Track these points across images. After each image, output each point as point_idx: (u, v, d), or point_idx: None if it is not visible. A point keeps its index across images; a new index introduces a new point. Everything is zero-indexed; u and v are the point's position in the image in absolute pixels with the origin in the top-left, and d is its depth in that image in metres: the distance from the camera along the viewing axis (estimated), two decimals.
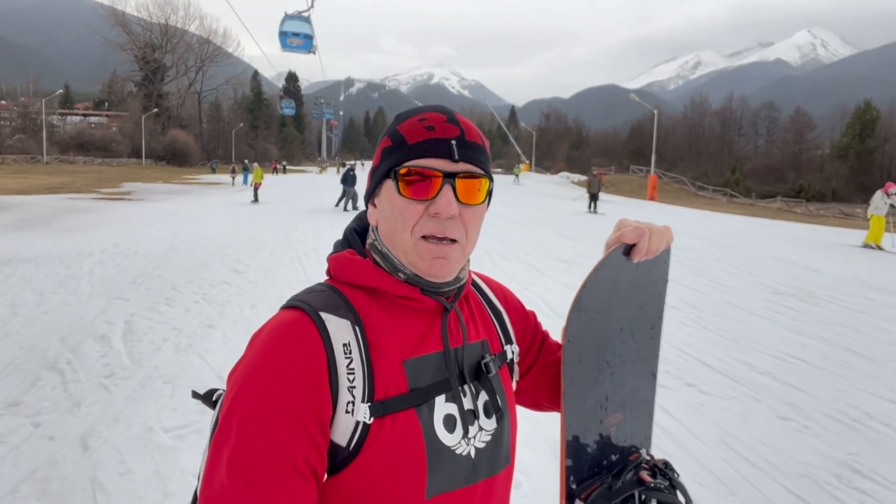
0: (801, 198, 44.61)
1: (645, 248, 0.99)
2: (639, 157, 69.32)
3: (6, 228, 14.46)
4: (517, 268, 10.56)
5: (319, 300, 0.90)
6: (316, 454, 0.82)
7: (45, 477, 3.37)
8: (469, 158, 0.90)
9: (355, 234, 1.03)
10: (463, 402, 0.93)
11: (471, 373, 0.96)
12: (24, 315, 6.74)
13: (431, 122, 0.91)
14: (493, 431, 0.96)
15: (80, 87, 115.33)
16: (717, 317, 7.56)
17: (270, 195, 27.20)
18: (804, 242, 16.65)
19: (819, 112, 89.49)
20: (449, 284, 0.96)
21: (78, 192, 28.48)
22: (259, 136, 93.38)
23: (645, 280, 1.10)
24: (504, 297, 1.16)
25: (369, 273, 0.94)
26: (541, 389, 1.17)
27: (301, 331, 0.85)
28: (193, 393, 1.09)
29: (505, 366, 1.06)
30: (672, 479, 1.06)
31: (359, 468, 0.85)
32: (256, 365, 0.83)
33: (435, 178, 0.88)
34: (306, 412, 0.81)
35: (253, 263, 10.23)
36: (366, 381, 0.86)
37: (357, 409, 0.84)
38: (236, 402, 0.81)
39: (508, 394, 1.03)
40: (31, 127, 63.03)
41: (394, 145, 0.92)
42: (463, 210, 0.90)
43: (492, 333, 1.07)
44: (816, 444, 4.11)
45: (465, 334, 0.97)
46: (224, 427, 0.81)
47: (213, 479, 0.79)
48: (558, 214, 23.07)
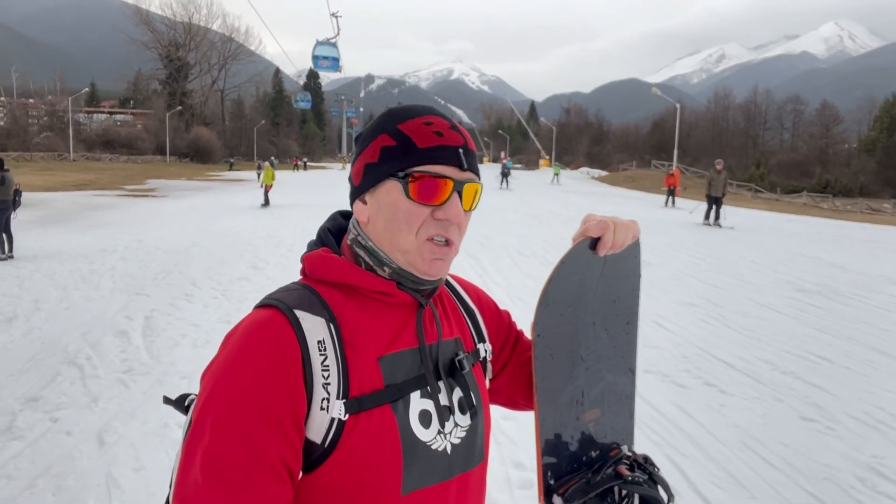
0: (828, 193, 43.78)
1: (609, 242, 1.00)
2: (661, 152, 68.51)
3: (33, 225, 14.73)
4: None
5: (294, 298, 0.90)
6: (291, 452, 0.82)
7: (62, 472, 3.41)
8: (472, 167, 0.94)
9: (329, 233, 1.03)
10: (438, 398, 0.94)
11: (445, 369, 0.97)
12: (47, 310, 6.85)
13: (438, 127, 0.93)
14: (468, 427, 0.97)
15: (105, 85, 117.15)
16: (739, 314, 7.44)
17: (287, 196, 24.94)
18: (830, 238, 16.34)
19: (846, 105, 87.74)
20: (431, 282, 0.97)
21: (103, 188, 28.95)
22: (280, 132, 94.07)
23: (616, 275, 1.10)
24: (477, 296, 1.17)
25: (344, 270, 0.94)
26: (516, 387, 1.18)
27: (275, 328, 0.85)
28: (165, 399, 1.08)
29: (478, 363, 1.07)
30: (652, 473, 1.04)
31: (334, 465, 0.85)
32: (230, 363, 0.83)
33: (447, 186, 0.90)
34: (282, 410, 0.81)
35: (271, 259, 10.30)
36: (340, 377, 0.86)
37: (332, 406, 0.84)
38: (210, 401, 0.81)
39: (482, 391, 1.04)
40: (59, 125, 64.21)
41: (399, 146, 0.92)
42: (462, 215, 0.94)
43: (465, 332, 1.07)
44: (840, 446, 4.01)
45: (439, 330, 0.98)
46: (197, 427, 0.80)
47: (187, 479, 0.78)
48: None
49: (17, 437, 3.83)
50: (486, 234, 13.86)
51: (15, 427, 3.97)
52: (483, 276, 9.32)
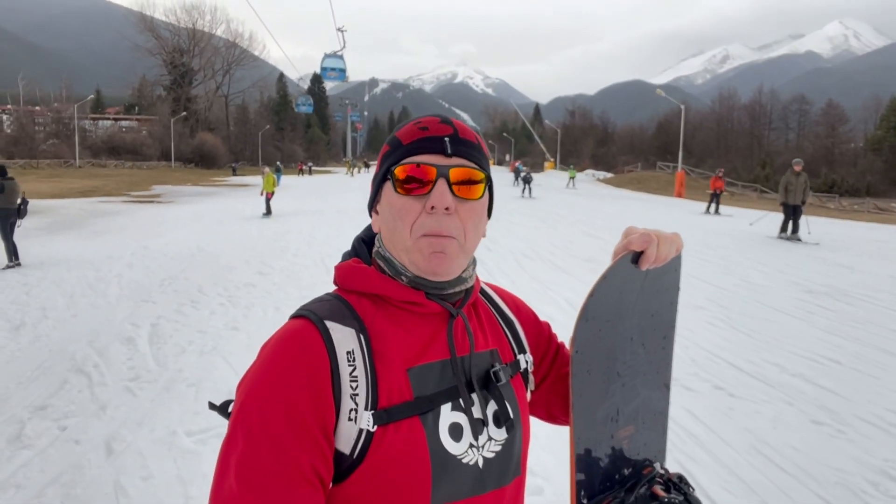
0: (834, 193, 43.63)
1: (653, 256, 0.97)
2: (665, 154, 68.37)
3: (40, 232, 14.78)
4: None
5: (325, 309, 0.91)
6: (322, 461, 0.83)
7: (70, 481, 3.41)
8: (463, 153, 0.92)
9: (363, 243, 1.04)
10: (471, 411, 0.92)
11: (479, 381, 0.95)
12: (54, 318, 6.87)
13: (426, 123, 0.94)
14: (503, 441, 0.95)
15: (110, 92, 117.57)
16: (747, 317, 7.40)
17: (292, 202, 24.57)
18: (836, 239, 16.25)
19: (852, 105, 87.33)
20: (453, 285, 0.95)
21: (109, 195, 29.04)
22: (285, 137, 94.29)
23: (655, 288, 1.07)
24: (516, 306, 1.15)
25: (373, 280, 0.95)
26: (555, 401, 1.16)
27: (305, 339, 0.86)
28: (210, 404, 1.09)
29: (519, 375, 1.05)
30: (687, 494, 1.02)
31: (363, 476, 0.85)
32: (262, 374, 0.84)
33: (429, 172, 0.89)
34: (311, 419, 0.82)
35: (277, 265, 10.30)
36: (369, 388, 0.86)
37: (360, 417, 0.85)
38: (243, 410, 0.83)
39: (521, 404, 1.02)
40: (65, 132, 64.44)
41: (391, 149, 0.95)
42: (459, 205, 0.90)
43: (503, 343, 1.05)
44: (851, 449, 3.98)
45: (471, 342, 0.96)
46: (232, 435, 0.82)
47: (222, 486, 0.79)
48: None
49: (25, 446, 3.84)
50: (491, 237, 13.86)
51: (24, 436, 3.98)
52: (490, 280, 9.31)
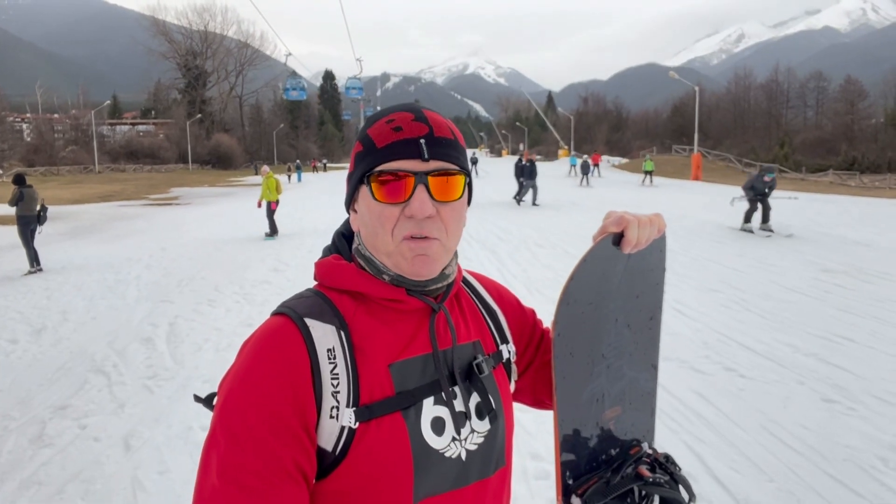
0: (855, 170, 42.73)
1: (634, 239, 0.97)
2: (681, 137, 67.47)
3: (61, 237, 15.05)
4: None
5: (305, 306, 0.91)
6: (305, 457, 0.83)
7: (90, 477, 3.51)
8: (440, 155, 0.89)
9: (343, 238, 1.02)
10: (454, 404, 0.92)
11: (462, 374, 0.95)
12: (74, 321, 7.02)
13: (398, 122, 0.90)
14: (486, 433, 0.95)
15: (127, 97, 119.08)
16: (761, 298, 7.35)
17: (306, 201, 24.94)
18: (856, 216, 16.02)
19: (872, 79, 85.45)
20: (435, 282, 0.95)
21: (129, 199, 29.44)
22: (299, 136, 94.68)
23: (640, 269, 1.07)
24: (499, 294, 1.14)
25: (353, 277, 0.94)
26: (541, 387, 1.14)
27: (285, 337, 0.86)
28: (195, 397, 1.09)
29: (501, 366, 1.04)
30: (673, 473, 1.03)
31: (345, 472, 0.85)
32: (243, 372, 0.84)
33: (407, 180, 0.87)
34: (292, 417, 0.82)
35: (292, 262, 10.41)
36: (350, 385, 0.86)
37: (342, 414, 0.85)
38: (224, 409, 0.83)
39: (504, 394, 1.01)
40: (83, 138, 65.34)
41: (364, 150, 0.92)
42: (440, 208, 0.89)
43: (485, 333, 1.05)
44: (862, 426, 3.97)
45: (453, 335, 0.96)
46: (213, 434, 0.82)
47: (205, 484, 0.80)
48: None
49: (47, 445, 3.95)
50: (504, 227, 13.86)
51: (45, 435, 4.09)
52: (502, 269, 9.33)
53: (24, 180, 10.69)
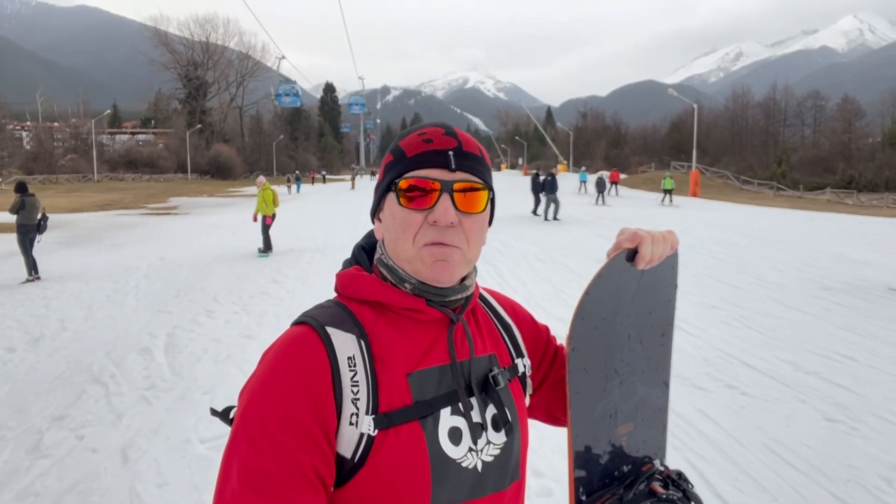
0: (852, 188, 42.92)
1: (648, 255, 0.98)
2: (679, 153, 67.86)
3: (59, 246, 15.01)
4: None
5: (326, 315, 0.92)
6: (324, 464, 0.83)
7: (87, 489, 3.47)
8: (467, 168, 0.93)
9: (363, 251, 1.05)
10: (471, 415, 0.93)
11: (478, 385, 0.96)
12: (72, 330, 6.98)
13: (430, 135, 0.94)
14: (502, 445, 0.96)
15: (127, 106, 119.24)
16: (761, 315, 7.35)
17: (305, 213, 25.53)
18: (854, 235, 16.07)
19: (869, 99, 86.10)
20: (454, 292, 0.96)
21: (127, 208, 29.41)
22: (299, 147, 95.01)
23: (652, 286, 1.08)
24: (513, 310, 1.15)
25: (374, 288, 0.96)
26: (555, 403, 1.15)
27: (306, 345, 0.88)
28: (212, 410, 1.10)
29: (517, 379, 1.06)
30: (686, 490, 1.02)
31: (363, 480, 0.86)
32: (264, 379, 0.86)
33: (433, 188, 0.90)
34: (313, 423, 0.83)
35: (291, 273, 10.39)
36: (370, 393, 0.87)
37: (361, 422, 0.86)
38: (245, 415, 0.84)
39: (519, 408, 1.03)
40: (83, 147, 65.51)
41: (395, 159, 0.95)
42: (463, 219, 0.92)
43: (500, 347, 1.06)
44: (865, 446, 3.95)
45: (471, 347, 0.97)
46: (234, 439, 0.83)
47: (225, 489, 0.80)
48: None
49: (44, 455, 3.91)
50: (504, 240, 13.87)
51: (42, 445, 4.05)
52: (501, 283, 9.32)
53: (26, 188, 10.68)
